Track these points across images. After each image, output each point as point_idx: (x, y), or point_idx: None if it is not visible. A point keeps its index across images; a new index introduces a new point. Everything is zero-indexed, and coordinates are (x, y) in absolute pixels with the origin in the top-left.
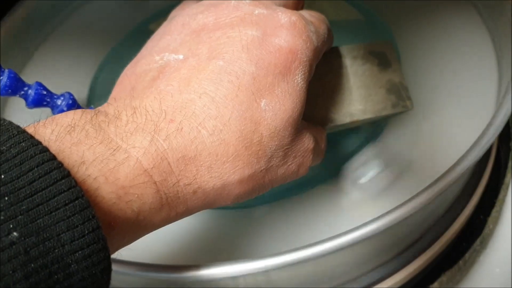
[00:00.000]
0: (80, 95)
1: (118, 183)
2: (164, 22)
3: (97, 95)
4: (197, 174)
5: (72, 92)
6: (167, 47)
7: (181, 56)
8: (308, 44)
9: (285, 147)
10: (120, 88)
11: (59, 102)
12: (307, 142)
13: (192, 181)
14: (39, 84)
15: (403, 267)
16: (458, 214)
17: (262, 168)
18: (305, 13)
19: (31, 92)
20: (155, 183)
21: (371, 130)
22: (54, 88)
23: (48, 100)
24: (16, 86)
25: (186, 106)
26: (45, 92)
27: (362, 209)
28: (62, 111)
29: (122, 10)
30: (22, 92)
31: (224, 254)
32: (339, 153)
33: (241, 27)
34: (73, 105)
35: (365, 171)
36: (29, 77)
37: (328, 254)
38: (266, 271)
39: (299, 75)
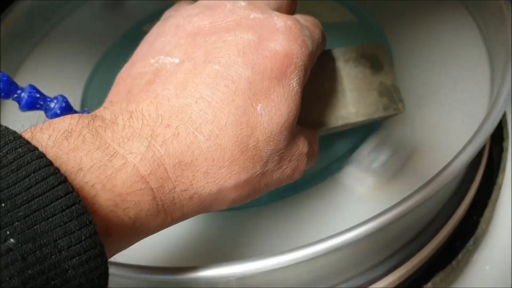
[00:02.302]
0: (74, 98)
1: (116, 190)
2: (158, 22)
3: (91, 98)
4: (194, 180)
5: (65, 95)
6: (162, 50)
7: (176, 60)
8: (304, 48)
9: (280, 152)
10: (116, 91)
11: (52, 105)
12: (301, 146)
13: (189, 187)
14: (32, 87)
15: (397, 268)
16: (451, 215)
17: (258, 173)
18: (300, 17)
19: (24, 95)
20: (151, 189)
21: (363, 132)
22: (47, 91)
23: (42, 103)
24: (9, 89)
25: (183, 110)
26: (38, 95)
27: (355, 210)
28: (55, 114)
29: (116, 12)
30: (15, 95)
31: (221, 256)
32: (332, 155)
33: (237, 31)
34: (67, 108)
35: (357, 174)
36: (23, 80)
37: (321, 255)
38: (260, 272)
39: (295, 79)
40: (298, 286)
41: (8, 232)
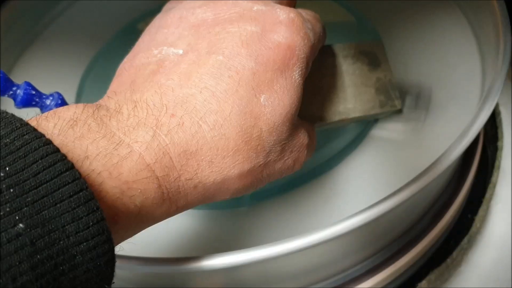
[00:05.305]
0: (69, 94)
1: (122, 178)
2: (159, 13)
3: (86, 95)
4: (198, 169)
5: (61, 92)
6: (165, 41)
7: (180, 51)
8: (306, 41)
9: (282, 142)
10: (119, 81)
11: (48, 102)
12: (302, 137)
13: (193, 176)
14: (28, 84)
15: (390, 264)
16: (445, 212)
17: (260, 163)
18: (301, 11)
19: (19, 92)
20: (157, 178)
21: (360, 127)
22: (43, 88)
23: (37, 100)
24: (4, 86)
25: (187, 100)
26: (34, 92)
27: (351, 207)
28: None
29: (111, 10)
30: (11, 92)
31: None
32: (327, 152)
33: (240, 23)
34: (62, 104)
35: (354, 167)
36: (18, 77)
37: (313, 248)
38: (249, 264)
39: (297, 71)
40: (284, 281)
41: (17, 217)
